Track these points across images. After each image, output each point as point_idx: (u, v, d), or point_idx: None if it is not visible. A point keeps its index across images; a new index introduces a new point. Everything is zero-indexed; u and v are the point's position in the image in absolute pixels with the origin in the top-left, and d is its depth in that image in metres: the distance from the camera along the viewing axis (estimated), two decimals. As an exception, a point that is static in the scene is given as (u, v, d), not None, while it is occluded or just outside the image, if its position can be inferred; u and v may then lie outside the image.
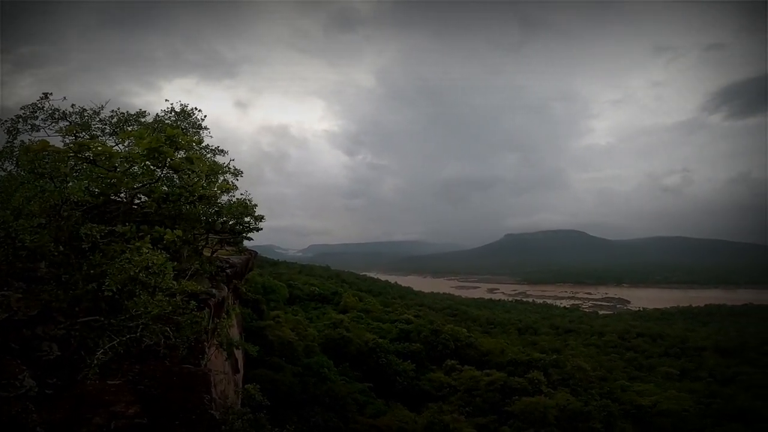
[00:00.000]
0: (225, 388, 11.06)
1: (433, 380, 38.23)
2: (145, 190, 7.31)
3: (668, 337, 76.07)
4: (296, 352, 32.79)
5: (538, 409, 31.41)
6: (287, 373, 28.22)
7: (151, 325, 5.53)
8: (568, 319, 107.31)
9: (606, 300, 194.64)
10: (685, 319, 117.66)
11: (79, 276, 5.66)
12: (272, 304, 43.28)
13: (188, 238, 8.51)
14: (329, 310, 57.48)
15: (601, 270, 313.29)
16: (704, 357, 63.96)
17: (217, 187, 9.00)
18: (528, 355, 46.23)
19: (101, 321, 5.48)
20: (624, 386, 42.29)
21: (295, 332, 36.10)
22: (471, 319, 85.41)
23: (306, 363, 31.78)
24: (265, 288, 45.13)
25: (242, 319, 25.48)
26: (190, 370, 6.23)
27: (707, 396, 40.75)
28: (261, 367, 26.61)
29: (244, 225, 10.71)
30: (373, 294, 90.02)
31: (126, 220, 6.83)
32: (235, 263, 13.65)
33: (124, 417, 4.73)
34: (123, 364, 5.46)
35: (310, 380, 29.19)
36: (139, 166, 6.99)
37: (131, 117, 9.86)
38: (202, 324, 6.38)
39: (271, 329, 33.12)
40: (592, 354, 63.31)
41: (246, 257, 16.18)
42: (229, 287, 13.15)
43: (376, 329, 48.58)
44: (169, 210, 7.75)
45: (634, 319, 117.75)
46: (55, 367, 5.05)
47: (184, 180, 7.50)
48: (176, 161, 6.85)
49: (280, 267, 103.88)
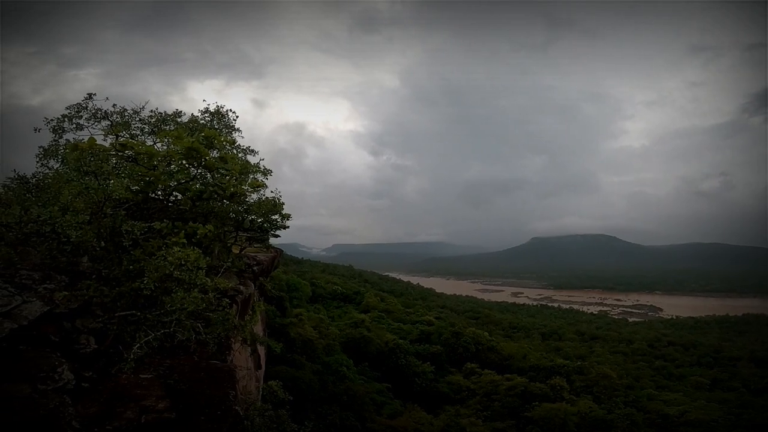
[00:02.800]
0: (247, 384, 11.22)
1: (452, 383, 37.84)
2: (180, 188, 7.54)
3: (701, 346, 73.23)
4: (317, 350, 33.08)
5: (559, 416, 30.57)
6: (307, 370, 28.53)
7: (184, 321, 5.67)
8: (595, 326, 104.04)
9: (637, 307, 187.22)
10: (721, 328, 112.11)
11: (119, 271, 5.87)
12: (295, 302, 43.87)
13: (219, 234, 8.71)
14: (351, 309, 57.81)
15: (632, 276, 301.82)
16: (738, 367, 61.44)
17: (248, 185, 9.18)
18: (551, 361, 45.15)
19: (138, 315, 5.64)
20: (651, 395, 40.84)
21: (317, 330, 36.42)
22: (493, 322, 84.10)
23: (326, 361, 32.04)
24: (288, 286, 45.78)
25: (266, 316, 25.92)
26: (217, 366, 6.33)
27: (738, 406, 38.84)
28: (282, 363, 26.99)
29: (271, 223, 10.84)
30: (395, 295, 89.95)
31: (163, 217, 7.05)
32: (261, 261, 13.87)
33: (154, 411, 4.79)
34: (154, 359, 5.59)
35: (329, 378, 29.43)
36: (176, 164, 7.22)
37: (168, 117, 10.15)
38: (231, 321, 6.50)
39: (294, 327, 33.52)
40: (619, 362, 61.32)
41: (272, 255, 16.42)
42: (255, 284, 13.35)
43: (396, 330, 48.50)
44: (203, 208, 7.97)
45: (666, 327, 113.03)
46: (91, 360, 5.19)
47: (217, 179, 7.70)
48: (211, 161, 7.04)
49: (303, 265, 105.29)
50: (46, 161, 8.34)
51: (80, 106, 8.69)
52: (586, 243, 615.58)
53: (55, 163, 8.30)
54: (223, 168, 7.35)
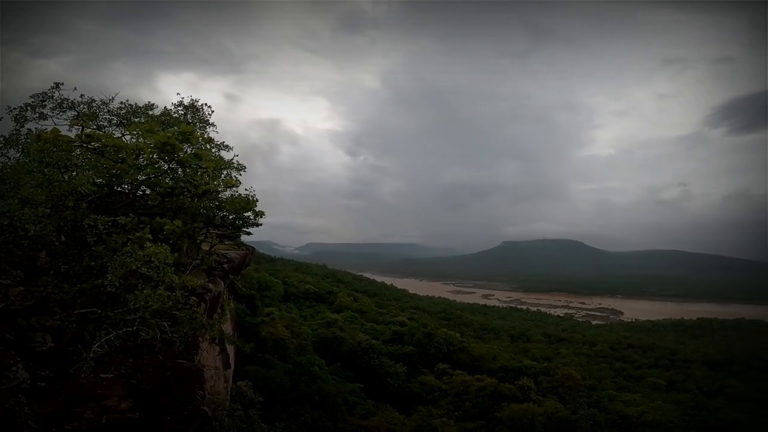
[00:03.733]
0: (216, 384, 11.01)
1: (424, 383, 38.23)
2: (149, 182, 7.33)
3: (658, 349, 76.77)
4: (288, 349, 32.70)
5: (527, 416, 31.42)
6: (278, 370, 28.17)
7: (149, 319, 5.52)
8: (561, 328, 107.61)
9: (599, 310, 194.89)
10: (677, 331, 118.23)
11: (80, 267, 5.65)
12: (267, 301, 43.16)
13: (188, 230, 8.52)
14: (324, 309, 57.41)
15: (596, 280, 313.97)
16: (692, 369, 64.67)
17: (221, 181, 9.03)
18: (519, 362, 46.34)
19: (98, 313, 5.45)
20: (612, 396, 42.41)
21: (289, 330, 36.01)
22: (465, 323, 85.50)
23: (297, 361, 31.73)
24: (260, 284, 44.98)
25: (236, 314, 25.42)
26: (184, 365, 6.19)
27: (693, 408, 40.97)
28: (252, 363, 26.53)
29: (244, 220, 10.71)
30: (368, 295, 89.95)
31: (128, 211, 6.83)
32: (232, 258, 13.63)
33: (116, 411, 4.68)
34: (116, 358, 5.43)
35: (301, 378, 29.15)
36: (146, 158, 7.00)
37: (140, 109, 9.84)
38: (199, 320, 6.37)
39: (265, 326, 33.02)
40: (583, 363, 63.53)
41: (244, 253, 16.15)
42: (225, 282, 13.11)
43: (369, 330, 48.55)
44: (173, 204, 7.76)
45: (626, 330, 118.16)
46: (48, 359, 5.00)
47: (189, 175, 7.52)
48: (185, 156, 6.88)
49: (276, 264, 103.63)
50: (6, 151, 7.96)
51: (45, 95, 8.33)
52: (554, 248, 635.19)
53: (16, 153, 7.93)
54: (196, 164, 7.19)
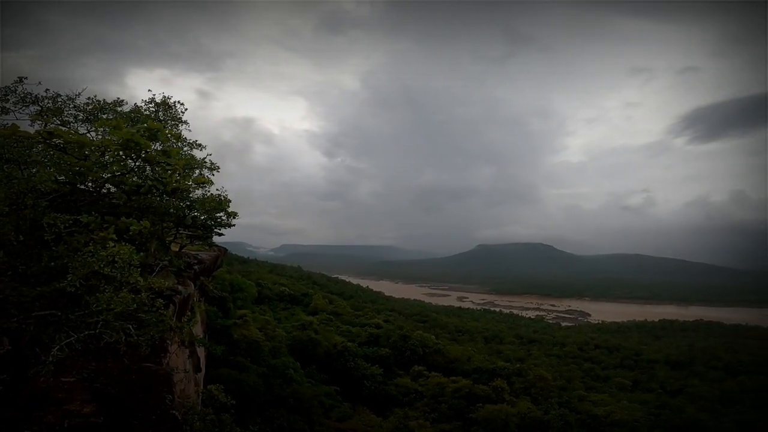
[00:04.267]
0: (185, 387, 10.73)
1: (400, 385, 38.34)
2: (115, 180, 7.06)
3: (624, 350, 79.56)
4: (262, 352, 32.16)
5: (501, 417, 31.99)
6: (251, 373, 27.64)
7: (112, 322, 5.33)
8: (533, 330, 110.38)
9: (569, 312, 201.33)
10: (640, 332, 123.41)
11: (38, 268, 5.39)
12: (239, 303, 42.26)
13: (156, 231, 8.27)
14: (298, 311, 56.74)
15: (565, 283, 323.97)
16: (656, 369, 67.27)
17: (192, 180, 8.80)
18: (493, 364, 47.11)
19: (58, 315, 5.23)
20: (581, 396, 43.55)
21: (263, 332, 35.41)
22: (440, 326, 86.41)
23: (272, 364, 31.22)
24: (232, 286, 43.99)
25: (207, 316, 24.80)
26: (151, 369, 6.03)
27: (657, 407, 42.55)
28: (224, 366, 25.96)
29: (216, 220, 10.48)
30: (344, 297, 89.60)
31: (92, 210, 6.57)
32: (203, 259, 13.32)
33: (78, 416, 4.55)
34: (77, 362, 5.23)
35: (276, 381, 28.70)
36: (112, 155, 6.74)
37: (107, 105, 9.47)
38: (167, 323, 6.19)
39: (237, 328, 32.35)
40: (553, 364, 65.14)
41: (215, 254, 15.81)
42: (195, 284, 12.80)
43: (345, 332, 48.33)
44: (139, 202, 7.50)
45: (594, 331, 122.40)
46: (5, 363, 4.80)
47: (158, 173, 7.30)
48: (152, 154, 6.66)
49: (249, 265, 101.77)
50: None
51: (8, 89, 7.90)
52: (526, 251, 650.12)
53: None
54: (165, 162, 6.98)
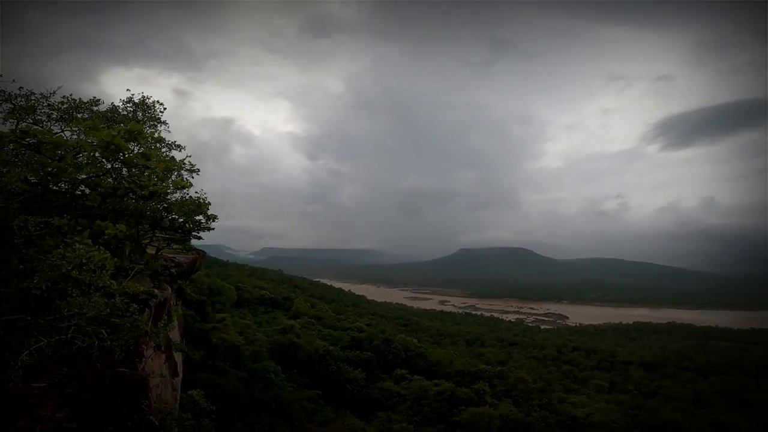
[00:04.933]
0: (162, 392, 10.53)
1: (383, 389, 38.24)
2: (89, 182, 6.86)
3: (600, 352, 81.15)
4: (242, 356, 31.63)
5: (483, 420, 32.21)
6: (231, 377, 27.13)
7: (84, 327, 5.18)
8: (513, 333, 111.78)
9: (547, 315, 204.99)
10: (615, 334, 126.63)
11: (8, 272, 5.20)
12: (218, 307, 41.49)
13: (132, 234, 8.08)
14: (279, 315, 55.99)
15: (544, 287, 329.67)
16: (631, 371, 68.70)
17: (172, 183, 8.63)
18: (475, 366, 47.47)
19: (27, 320, 5.06)
20: (561, 398, 44.31)
21: (243, 336, 34.84)
22: (422, 329, 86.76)
23: (252, 368, 30.73)
24: (211, 289, 43.13)
25: (184, 320, 24.28)
26: (126, 374, 5.94)
27: (633, 408, 43.56)
28: (203, 371, 25.43)
29: (195, 223, 10.31)
30: (325, 301, 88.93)
31: (65, 212, 6.37)
32: (181, 262, 13.07)
33: (50, 421, 4.49)
34: (48, 366, 5.10)
35: (256, 386, 28.25)
36: (87, 156, 6.55)
37: (83, 104, 9.18)
38: (142, 327, 6.06)
39: (216, 332, 31.72)
40: (533, 366, 66.02)
41: (193, 257, 15.53)
42: (172, 287, 12.55)
43: (327, 336, 47.97)
44: (115, 205, 7.31)
45: (571, 334, 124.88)
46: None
47: (135, 175, 7.13)
48: (130, 156, 6.51)
49: (229, 268, 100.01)
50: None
51: None
52: (506, 255, 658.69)
53: None
54: (143, 164, 6.82)
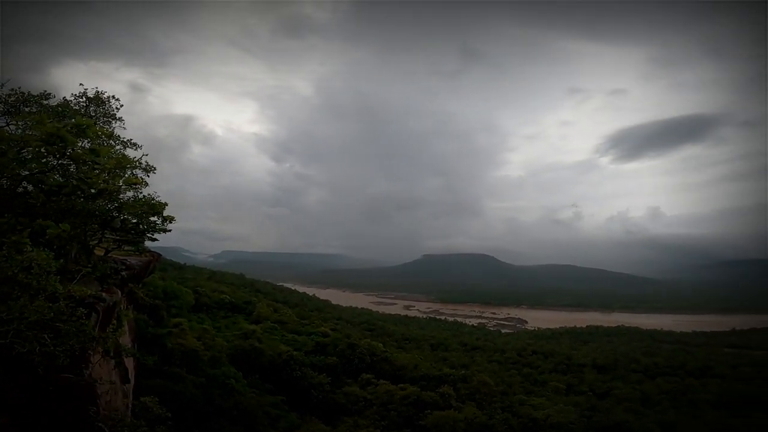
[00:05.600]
0: (112, 399, 10.08)
1: (349, 394, 37.91)
2: (33, 179, 6.44)
3: (557, 355, 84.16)
4: (200, 362, 30.43)
5: (449, 423, 32.56)
6: (188, 384, 26.04)
7: (25, 332, 4.88)
8: (476, 337, 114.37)
9: (508, 320, 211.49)
10: (571, 338, 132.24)
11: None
12: (174, 311, 39.67)
13: (78, 234, 7.65)
14: (240, 319, 54.30)
15: (505, 292, 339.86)
16: (585, 373, 71.57)
17: (123, 181, 8.23)
18: (439, 370, 48.02)
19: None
20: (522, 400, 45.42)
21: (201, 341, 33.56)
22: (387, 334, 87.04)
23: (211, 374, 29.62)
24: (166, 293, 41.15)
25: (136, 325, 23.15)
26: (71, 380, 5.68)
27: (588, 409, 45.30)
28: (157, 377, 24.27)
29: (149, 225, 9.88)
30: (289, 305, 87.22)
31: (4, 211, 5.95)
32: (133, 265, 12.49)
33: None
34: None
35: (216, 392, 27.25)
36: (32, 151, 6.14)
37: (32, 98, 8.62)
38: (88, 333, 5.77)
39: (172, 337, 30.40)
40: (495, 370, 67.67)
41: (147, 259, 14.86)
42: (123, 291, 11.98)
43: (291, 341, 47.06)
44: (60, 204, 6.88)
45: (530, 337, 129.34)
46: None
47: (84, 171, 6.75)
48: (78, 152, 6.17)
49: (186, 272, 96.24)
50: None
51: None
52: (469, 261, 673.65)
53: None
54: (93, 161, 6.48)
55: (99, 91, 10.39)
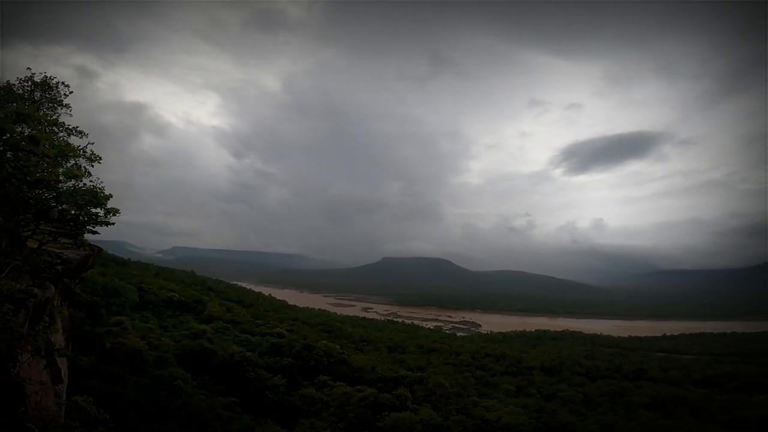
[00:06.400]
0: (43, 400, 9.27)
1: (305, 396, 37.07)
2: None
3: (508, 358, 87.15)
4: (145, 363, 28.61)
5: (406, 425, 32.50)
6: (130, 385, 24.38)
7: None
8: (432, 340, 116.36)
9: (463, 323, 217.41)
10: (521, 341, 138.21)
11: None
12: (114, 309, 37.13)
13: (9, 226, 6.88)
14: (190, 319, 51.68)
15: (460, 296, 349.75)
16: (533, 375, 74.61)
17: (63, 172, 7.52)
18: (396, 372, 48.13)
19: None
20: (475, 402, 46.11)
21: (145, 341, 31.65)
22: (345, 336, 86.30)
23: (156, 375, 27.93)
24: (106, 290, 38.43)
25: (71, 323, 21.47)
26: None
27: (536, 411, 46.85)
28: (95, 377, 22.58)
29: (90, 216, 9.14)
30: (243, 305, 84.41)
31: None
32: (70, 259, 11.48)
33: None
34: None
35: (161, 393, 25.68)
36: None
37: None
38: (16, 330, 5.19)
39: (112, 336, 28.42)
40: (450, 372, 68.55)
41: (86, 253, 13.76)
42: (57, 286, 11.02)
43: (244, 342, 45.45)
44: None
45: (484, 341, 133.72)
46: None
47: (21, 159, 6.07)
48: (15, 138, 5.53)
49: (130, 267, 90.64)
50: None
51: None
52: (427, 265, 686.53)
53: None
54: (31, 149, 5.84)
55: (47, 76, 10.00)
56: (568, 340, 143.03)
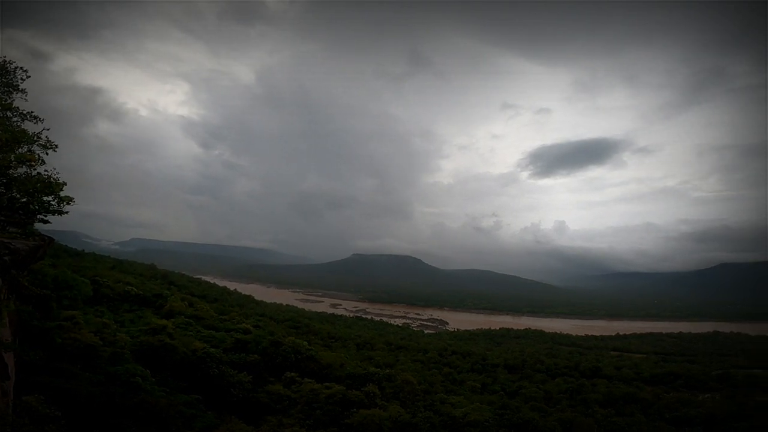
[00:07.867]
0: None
1: (272, 392, 36.26)
2: None
3: (474, 355, 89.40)
4: (99, 359, 27.06)
5: (375, 421, 32.49)
6: (83, 381, 22.93)
7: None
8: (400, 337, 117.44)
9: (431, 321, 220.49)
10: (486, 339, 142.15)
11: None
12: (66, 303, 34.94)
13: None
14: (149, 314, 49.30)
15: (429, 294, 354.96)
16: (498, 373, 76.82)
17: (15, 157, 6.85)
18: (365, 369, 47.92)
19: None
20: (442, 399, 46.77)
21: (99, 337, 29.96)
22: (313, 332, 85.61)
23: (111, 371, 26.44)
24: (58, 282, 36.07)
25: (18, 317, 20.01)
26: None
27: (500, 408, 47.85)
28: (45, 373, 21.13)
29: (42, 205, 8.47)
30: (207, 300, 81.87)
31: None
32: (17, 249, 10.58)
33: None
34: None
35: (118, 390, 24.31)
36: None
37: None
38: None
39: (63, 331, 26.71)
40: (418, 369, 69.50)
41: (36, 243, 12.74)
42: (4, 278, 10.18)
43: (207, 338, 43.83)
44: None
45: (451, 338, 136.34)
46: None
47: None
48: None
49: (85, 259, 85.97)
50: None
51: None
52: (397, 263, 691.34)
53: None
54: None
55: (7, 60, 9.55)
56: (531, 339, 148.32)
